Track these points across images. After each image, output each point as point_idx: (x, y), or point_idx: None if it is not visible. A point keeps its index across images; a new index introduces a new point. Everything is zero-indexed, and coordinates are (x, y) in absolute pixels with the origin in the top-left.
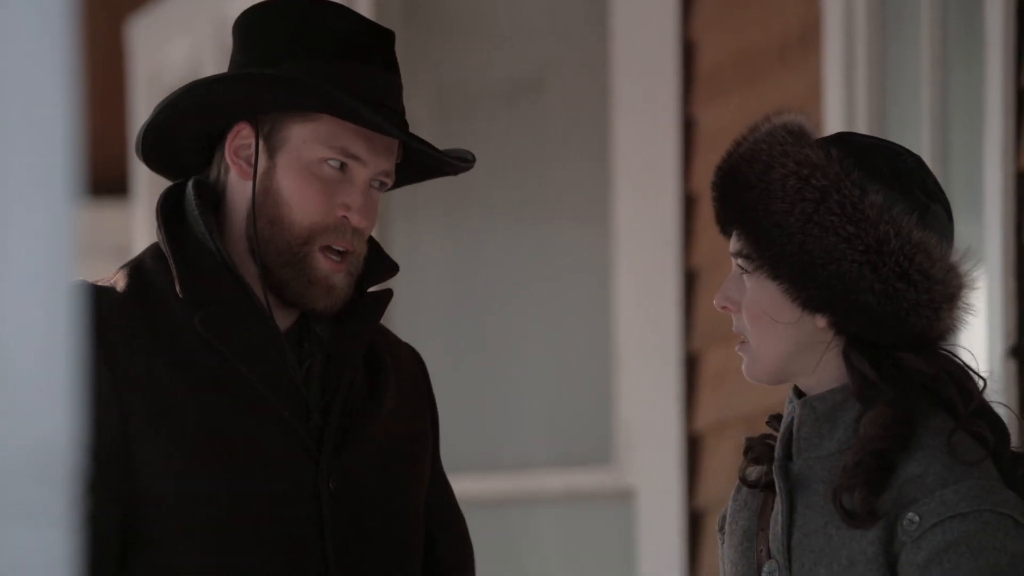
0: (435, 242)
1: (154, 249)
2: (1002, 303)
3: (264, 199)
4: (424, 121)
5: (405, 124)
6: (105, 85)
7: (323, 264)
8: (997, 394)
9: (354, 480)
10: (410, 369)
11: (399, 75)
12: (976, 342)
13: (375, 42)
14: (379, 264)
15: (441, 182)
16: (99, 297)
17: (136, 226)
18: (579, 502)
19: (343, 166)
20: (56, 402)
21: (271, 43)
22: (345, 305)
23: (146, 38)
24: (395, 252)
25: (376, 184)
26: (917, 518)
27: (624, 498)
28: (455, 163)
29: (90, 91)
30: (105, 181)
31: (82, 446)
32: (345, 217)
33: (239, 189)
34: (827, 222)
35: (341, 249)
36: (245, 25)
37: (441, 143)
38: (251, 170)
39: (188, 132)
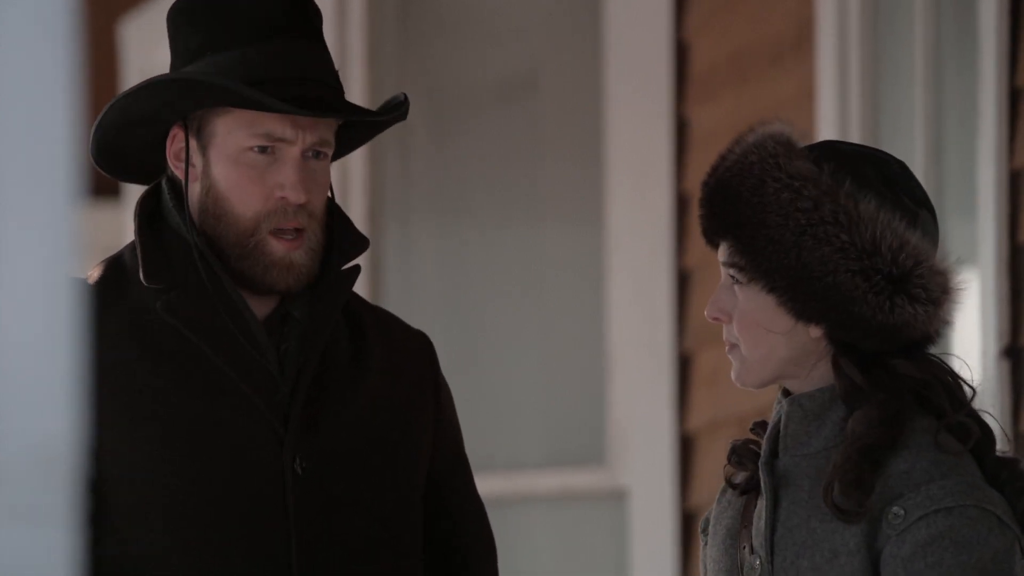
0: (428, 242)
1: (133, 243)
2: (995, 303)
3: (207, 197)
4: (417, 120)
5: (333, 91)
6: (97, 86)
7: (277, 247)
8: (989, 397)
9: (326, 460)
10: (412, 353)
11: (323, 44)
12: (970, 342)
13: (293, 17)
14: (348, 239)
15: (433, 183)
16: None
17: (126, 227)
18: (572, 502)
19: (271, 148)
20: (56, 401)
21: (192, 36)
22: (319, 284)
23: (138, 38)
24: (388, 253)
25: (312, 154)
26: (902, 512)
27: (617, 498)
28: (384, 119)
29: (82, 91)
30: (95, 182)
31: (82, 445)
32: (283, 197)
33: (189, 191)
34: (821, 233)
35: (292, 228)
36: (171, 18)
37: (434, 143)
38: (191, 171)
39: (136, 141)
